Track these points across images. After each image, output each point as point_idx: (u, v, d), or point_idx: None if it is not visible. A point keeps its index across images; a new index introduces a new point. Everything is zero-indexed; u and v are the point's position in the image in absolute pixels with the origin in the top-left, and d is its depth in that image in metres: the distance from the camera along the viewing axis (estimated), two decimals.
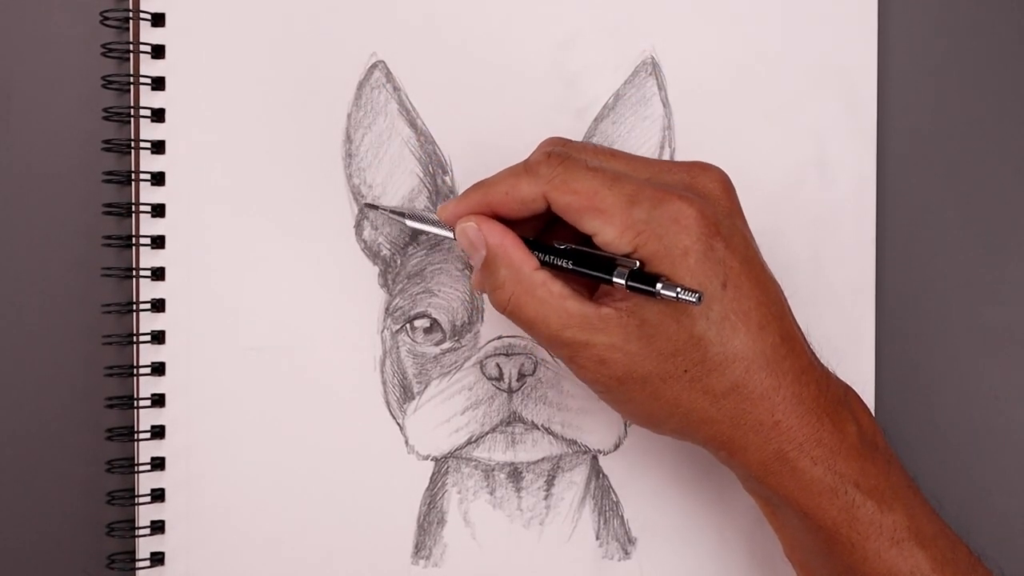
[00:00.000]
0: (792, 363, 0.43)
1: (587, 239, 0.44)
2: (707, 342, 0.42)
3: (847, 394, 0.46)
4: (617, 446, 0.53)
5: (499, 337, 0.52)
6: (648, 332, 0.43)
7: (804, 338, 0.45)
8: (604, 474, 0.53)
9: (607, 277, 0.43)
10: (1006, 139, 0.54)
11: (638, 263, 0.42)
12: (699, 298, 0.41)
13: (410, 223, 0.49)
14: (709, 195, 0.44)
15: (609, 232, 0.43)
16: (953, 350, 0.54)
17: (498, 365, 0.52)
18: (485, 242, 0.45)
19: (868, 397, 0.52)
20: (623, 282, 0.42)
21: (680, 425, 0.44)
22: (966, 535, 0.45)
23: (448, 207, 0.46)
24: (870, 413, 0.46)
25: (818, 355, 0.46)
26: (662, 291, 0.41)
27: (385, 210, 0.51)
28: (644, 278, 0.42)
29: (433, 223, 0.48)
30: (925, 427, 0.53)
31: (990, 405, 0.54)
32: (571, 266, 0.44)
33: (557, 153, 0.44)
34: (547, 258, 0.45)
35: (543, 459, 0.52)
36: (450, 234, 0.47)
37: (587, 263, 0.44)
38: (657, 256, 0.42)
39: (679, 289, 0.41)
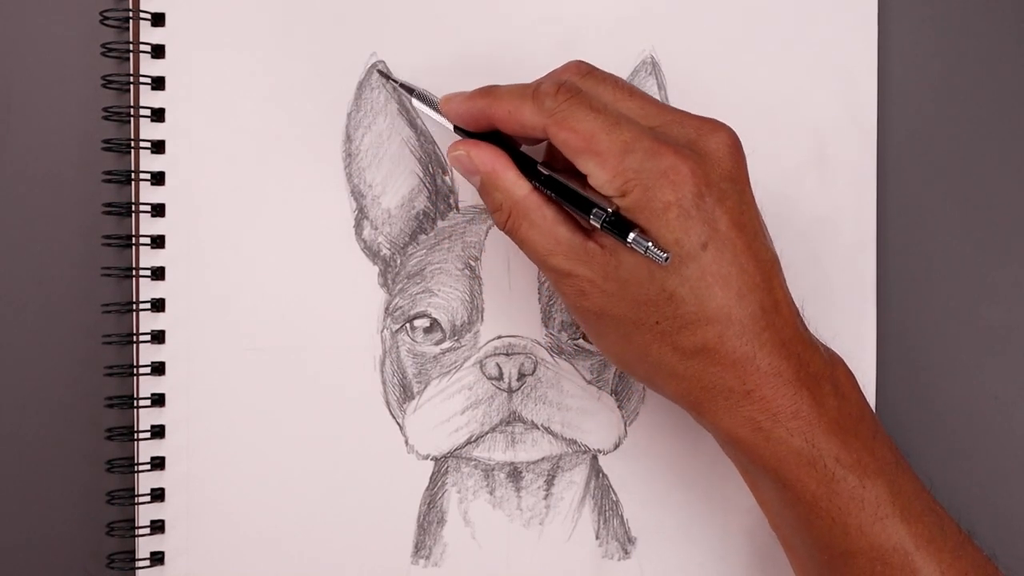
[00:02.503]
0: (772, 335, 0.43)
1: None
2: (679, 299, 0.42)
3: (834, 368, 0.45)
4: (617, 446, 0.53)
5: (499, 337, 0.52)
6: (624, 276, 0.43)
7: (795, 310, 0.45)
8: (604, 474, 0.53)
9: (584, 215, 0.43)
10: (1006, 139, 0.54)
11: (611, 209, 0.42)
12: (667, 259, 0.41)
13: (416, 103, 0.49)
14: (710, 155, 0.43)
15: (600, 176, 0.42)
16: (953, 350, 0.54)
17: (498, 365, 0.52)
18: (476, 168, 0.45)
19: (869, 397, 0.52)
20: (598, 224, 0.42)
21: (649, 374, 0.44)
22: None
23: (453, 102, 0.46)
24: (858, 388, 0.45)
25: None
26: (631, 243, 0.41)
27: (396, 81, 0.51)
28: (620, 225, 0.42)
29: (437, 110, 0.48)
30: (926, 426, 0.53)
31: (990, 405, 0.54)
32: (553, 196, 0.44)
33: (568, 86, 0.43)
34: (536, 183, 0.45)
35: (543, 459, 0.52)
36: (449, 125, 0.47)
37: (569, 195, 0.44)
38: (639, 206, 0.42)
39: (649, 245, 0.41)
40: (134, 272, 0.51)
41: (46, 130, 0.52)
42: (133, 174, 0.51)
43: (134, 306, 0.51)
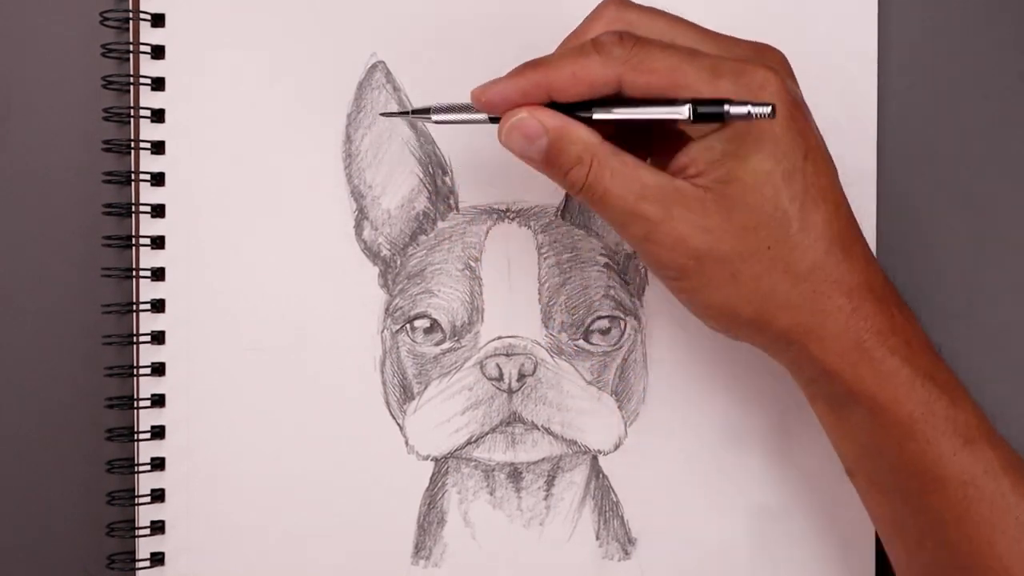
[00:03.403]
0: (863, 248, 0.43)
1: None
2: (790, 216, 0.42)
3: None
4: (617, 446, 0.53)
5: (499, 337, 0.52)
6: (728, 205, 0.41)
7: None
8: (604, 474, 0.53)
9: (673, 110, 0.40)
10: (1006, 139, 0.54)
11: (691, 102, 0.40)
12: (772, 110, 0.40)
13: (436, 117, 0.45)
14: (781, 71, 0.43)
15: None
16: (953, 350, 0.54)
17: (498, 365, 0.52)
18: (544, 128, 0.42)
19: None
20: (688, 112, 0.40)
21: (758, 312, 0.43)
22: None
23: (491, 89, 0.43)
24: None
25: None
26: (731, 110, 0.40)
27: (408, 112, 0.49)
28: (710, 105, 0.40)
29: (461, 110, 0.45)
30: None
31: (990, 405, 0.54)
32: (629, 116, 0.41)
33: (628, 34, 0.42)
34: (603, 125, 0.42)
35: (543, 459, 0.52)
36: (483, 118, 0.44)
37: (648, 104, 0.41)
38: (743, 126, 0.41)
39: (750, 106, 0.39)
40: (134, 273, 0.51)
41: (46, 130, 0.52)
42: (133, 175, 0.51)
43: (134, 307, 0.51)
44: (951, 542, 0.43)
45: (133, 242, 0.51)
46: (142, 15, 0.51)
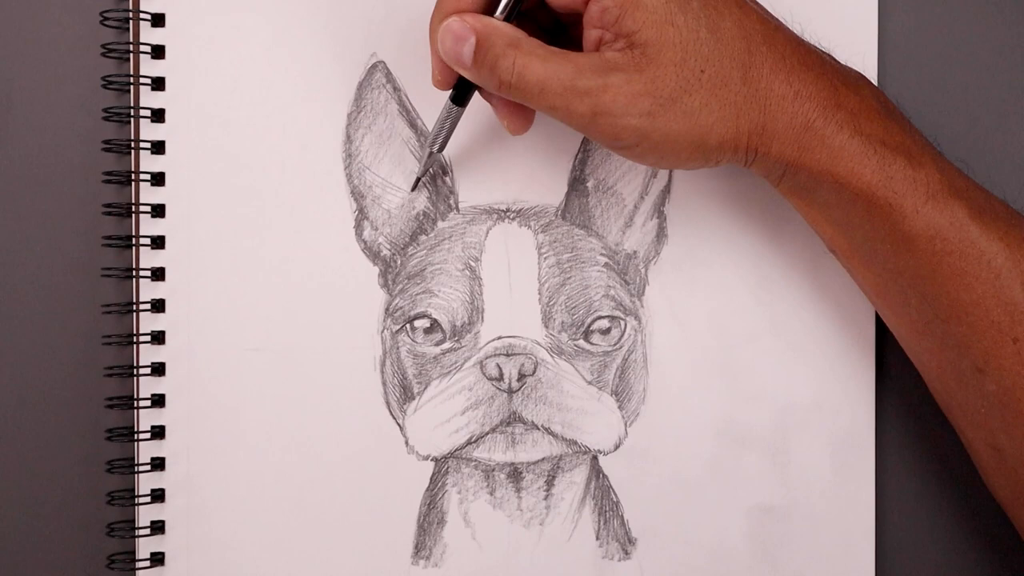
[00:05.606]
0: (784, 34, 0.46)
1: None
2: (702, 35, 0.44)
3: (855, 72, 0.47)
4: (617, 446, 0.53)
5: (499, 337, 0.52)
6: (651, 53, 0.43)
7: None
8: (604, 474, 0.53)
9: None
10: (1006, 139, 0.54)
11: None
12: None
13: (437, 149, 0.50)
14: None
15: None
16: None
17: (498, 365, 0.52)
18: (470, 27, 0.44)
19: (869, 400, 0.52)
20: None
21: (720, 133, 0.45)
22: (969, 536, 0.45)
23: (435, 69, 0.47)
24: (882, 92, 0.48)
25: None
26: None
27: (420, 177, 0.52)
28: None
29: (444, 120, 0.49)
30: (926, 431, 0.53)
31: None
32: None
33: None
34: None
35: (543, 459, 0.52)
36: (462, 107, 0.48)
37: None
38: None
39: None
40: (134, 273, 0.51)
41: (46, 130, 0.52)
42: (133, 175, 0.51)
43: (134, 307, 0.51)
44: (930, 297, 0.45)
45: (133, 242, 0.51)
46: (142, 15, 0.51)
